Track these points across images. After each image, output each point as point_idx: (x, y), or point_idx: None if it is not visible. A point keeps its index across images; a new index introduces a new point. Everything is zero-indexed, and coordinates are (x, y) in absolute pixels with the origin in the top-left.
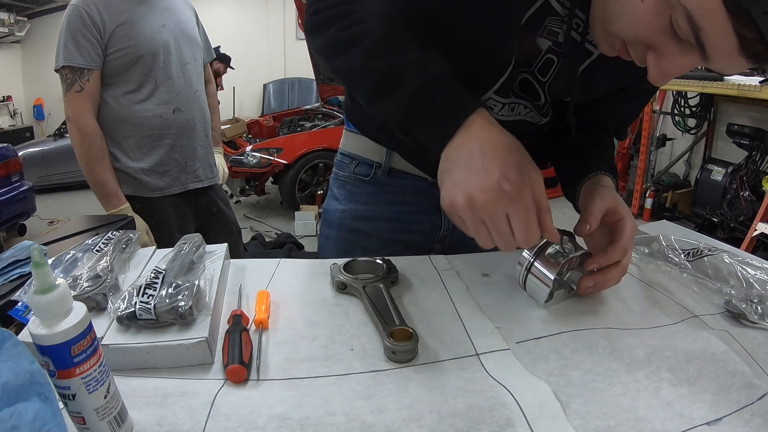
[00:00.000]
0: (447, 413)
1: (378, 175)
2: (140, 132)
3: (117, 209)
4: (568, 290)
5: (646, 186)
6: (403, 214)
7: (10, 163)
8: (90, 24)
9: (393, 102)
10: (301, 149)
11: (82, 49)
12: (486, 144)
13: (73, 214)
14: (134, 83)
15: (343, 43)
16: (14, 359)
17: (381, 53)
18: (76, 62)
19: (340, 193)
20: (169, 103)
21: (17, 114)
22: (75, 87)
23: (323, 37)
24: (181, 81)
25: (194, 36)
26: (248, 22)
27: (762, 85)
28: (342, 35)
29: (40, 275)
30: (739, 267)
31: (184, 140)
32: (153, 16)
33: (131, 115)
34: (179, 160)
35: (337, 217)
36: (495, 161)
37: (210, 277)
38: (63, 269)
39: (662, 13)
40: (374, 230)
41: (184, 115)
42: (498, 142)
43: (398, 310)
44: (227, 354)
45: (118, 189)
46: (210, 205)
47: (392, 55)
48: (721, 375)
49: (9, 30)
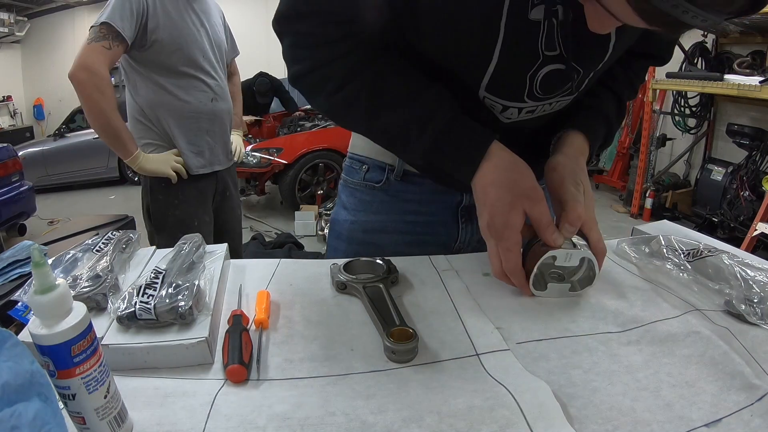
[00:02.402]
0: (447, 413)
1: (391, 181)
2: (182, 114)
3: (133, 155)
4: (570, 289)
5: (646, 186)
6: (418, 225)
7: (10, 163)
8: (141, 2)
9: (408, 155)
10: (301, 149)
11: (125, 18)
12: (496, 174)
13: (73, 214)
14: (180, 71)
15: (339, 109)
16: (14, 359)
17: (379, 113)
18: (118, 25)
19: (350, 201)
20: (209, 91)
21: (17, 114)
22: (104, 43)
23: (318, 103)
24: (216, 75)
25: (221, 39)
26: (248, 22)
27: (762, 85)
28: (334, 101)
29: (40, 275)
30: (738, 268)
31: (216, 126)
32: (193, 15)
33: (176, 98)
34: (210, 143)
35: (346, 229)
36: (502, 190)
37: (210, 277)
38: (63, 269)
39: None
40: (387, 244)
41: (218, 104)
42: (509, 163)
43: (398, 310)
44: (227, 354)
45: (131, 135)
46: (225, 189)
47: (391, 113)
48: (720, 377)
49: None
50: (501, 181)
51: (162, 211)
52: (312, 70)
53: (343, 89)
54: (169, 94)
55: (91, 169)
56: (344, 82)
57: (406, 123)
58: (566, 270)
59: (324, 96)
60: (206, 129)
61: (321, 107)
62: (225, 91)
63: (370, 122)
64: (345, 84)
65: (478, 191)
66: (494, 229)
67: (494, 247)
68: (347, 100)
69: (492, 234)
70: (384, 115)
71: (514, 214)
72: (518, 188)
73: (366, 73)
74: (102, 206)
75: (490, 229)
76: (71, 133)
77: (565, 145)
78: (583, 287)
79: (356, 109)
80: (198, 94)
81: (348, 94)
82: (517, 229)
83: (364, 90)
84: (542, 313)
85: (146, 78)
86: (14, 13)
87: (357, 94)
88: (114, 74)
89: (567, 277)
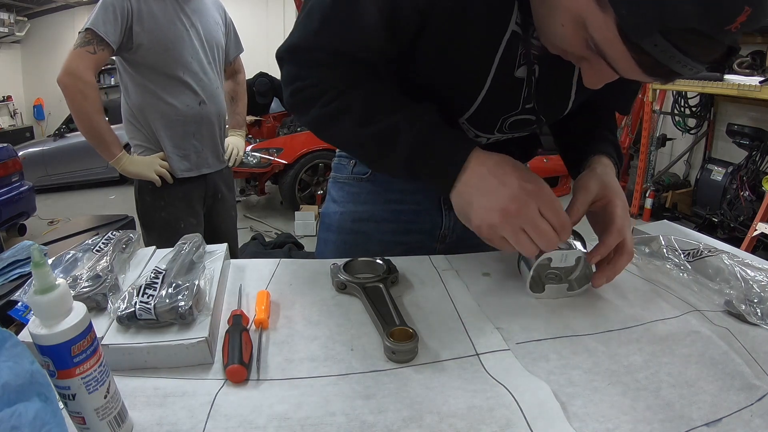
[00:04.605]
0: (447, 413)
1: (377, 173)
2: (168, 117)
3: (117, 157)
4: (568, 288)
5: (646, 186)
6: (403, 214)
7: (10, 163)
8: (125, 6)
9: (392, 161)
10: (301, 149)
11: (108, 23)
12: (490, 165)
13: (73, 214)
14: (166, 74)
15: (330, 118)
16: (14, 359)
17: (369, 121)
18: (100, 30)
19: (339, 195)
20: (196, 94)
21: (17, 114)
22: (89, 48)
23: (309, 115)
24: (205, 78)
25: (218, 38)
26: (248, 22)
27: (762, 85)
28: (327, 110)
29: (40, 275)
30: (738, 268)
31: (203, 130)
32: (183, 16)
33: (162, 101)
34: (197, 147)
35: (336, 220)
36: (507, 173)
37: (210, 277)
38: (63, 269)
39: (579, 35)
40: (374, 232)
41: (207, 108)
42: (499, 159)
43: (398, 310)
44: (227, 354)
45: (116, 137)
46: (216, 192)
47: (380, 120)
48: (720, 377)
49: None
50: (499, 158)
51: (149, 213)
52: (313, 85)
53: (340, 98)
54: (156, 96)
55: (91, 169)
56: (341, 93)
57: (395, 125)
58: (563, 270)
59: (319, 105)
60: (193, 132)
61: (313, 118)
62: (217, 93)
63: (360, 128)
64: (342, 94)
65: (476, 180)
66: (528, 192)
67: (515, 231)
68: (341, 109)
69: (525, 199)
70: (375, 120)
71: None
72: (519, 170)
73: (361, 88)
74: (102, 206)
75: (508, 211)
76: (71, 133)
77: (600, 164)
78: (581, 286)
79: (347, 116)
80: (184, 97)
81: (342, 103)
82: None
83: (359, 100)
84: (542, 313)
85: (135, 80)
86: (14, 13)
87: (351, 104)
88: (114, 74)
89: (564, 277)
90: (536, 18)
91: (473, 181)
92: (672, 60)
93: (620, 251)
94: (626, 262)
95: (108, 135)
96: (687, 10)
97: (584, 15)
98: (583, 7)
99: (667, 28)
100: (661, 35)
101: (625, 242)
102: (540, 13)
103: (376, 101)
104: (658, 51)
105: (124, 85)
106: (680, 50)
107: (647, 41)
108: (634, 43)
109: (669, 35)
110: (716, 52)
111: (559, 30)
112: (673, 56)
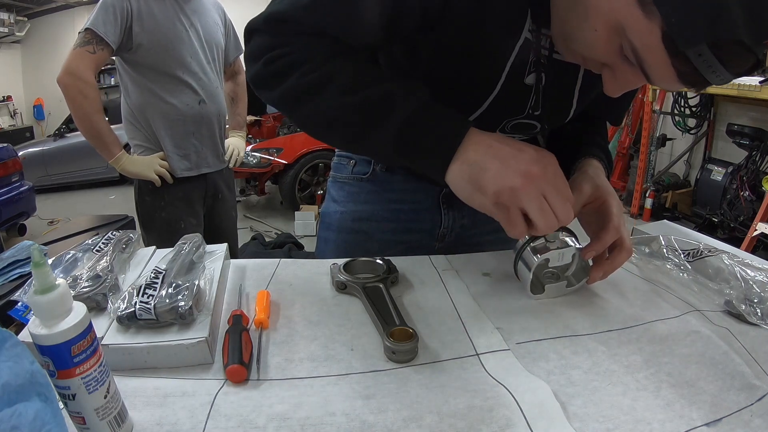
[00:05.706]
0: (447, 413)
1: (377, 172)
2: (168, 116)
3: (116, 156)
4: (567, 285)
5: (646, 186)
6: (402, 213)
7: (10, 163)
8: (125, 7)
9: (380, 133)
10: (301, 149)
11: (107, 23)
12: (494, 137)
13: (73, 214)
14: (166, 74)
15: (308, 88)
16: (14, 359)
17: (358, 88)
18: (100, 30)
19: (339, 194)
20: (196, 94)
21: (17, 114)
22: (88, 48)
23: (283, 86)
24: (205, 78)
25: (217, 39)
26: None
27: (762, 85)
28: (307, 79)
29: (40, 275)
30: (738, 268)
31: (203, 129)
32: (182, 16)
33: (162, 101)
34: (197, 146)
35: (336, 219)
36: (515, 143)
37: (210, 277)
38: (63, 269)
39: (613, 41)
40: (374, 231)
41: (206, 107)
42: (499, 135)
43: (398, 310)
44: (227, 354)
45: (116, 136)
46: (216, 191)
47: (371, 87)
48: (720, 377)
49: (9, 30)
50: (501, 136)
51: (149, 213)
52: (293, 53)
53: (324, 66)
54: (156, 96)
55: (91, 169)
56: (325, 61)
57: (390, 92)
58: (560, 268)
59: (298, 75)
60: (192, 132)
61: (288, 89)
62: (216, 93)
63: (347, 96)
64: (326, 62)
65: (484, 149)
66: (545, 159)
67: (537, 196)
68: (325, 77)
69: (545, 164)
70: (365, 87)
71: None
72: (523, 142)
73: (348, 57)
74: (102, 206)
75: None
76: (71, 133)
77: (591, 166)
78: (579, 280)
79: (333, 84)
80: (184, 97)
81: (327, 70)
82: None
83: (348, 68)
84: (542, 313)
85: (135, 80)
86: (14, 13)
87: (338, 71)
88: (114, 74)
89: (562, 274)
90: (560, 24)
91: (482, 150)
92: (709, 70)
93: (619, 248)
94: (625, 259)
95: (108, 135)
96: (738, 23)
97: (624, 20)
98: (624, 12)
99: (716, 39)
100: (708, 46)
101: (624, 239)
102: (567, 18)
103: (365, 69)
104: (700, 61)
105: (124, 85)
106: (721, 61)
107: (692, 51)
108: (680, 52)
109: (715, 47)
110: (749, 65)
111: (589, 35)
112: (711, 66)
